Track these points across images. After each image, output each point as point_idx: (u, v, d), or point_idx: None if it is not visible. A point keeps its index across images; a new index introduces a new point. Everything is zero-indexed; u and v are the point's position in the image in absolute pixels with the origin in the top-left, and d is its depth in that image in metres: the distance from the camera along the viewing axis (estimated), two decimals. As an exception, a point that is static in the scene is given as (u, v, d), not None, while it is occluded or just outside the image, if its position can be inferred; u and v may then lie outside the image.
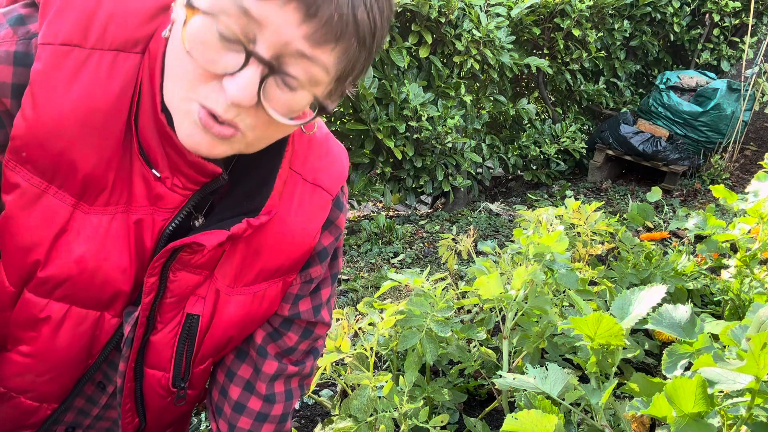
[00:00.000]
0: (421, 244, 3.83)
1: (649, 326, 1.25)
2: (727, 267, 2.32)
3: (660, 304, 1.28)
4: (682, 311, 1.25)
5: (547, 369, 1.27)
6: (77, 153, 0.83)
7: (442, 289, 1.67)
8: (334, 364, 1.71)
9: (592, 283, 2.34)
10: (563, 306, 1.76)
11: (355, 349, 1.54)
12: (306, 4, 0.68)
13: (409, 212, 4.99)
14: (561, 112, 5.77)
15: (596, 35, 5.04)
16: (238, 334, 1.10)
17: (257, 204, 0.94)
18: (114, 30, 0.80)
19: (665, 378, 1.24)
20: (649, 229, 3.70)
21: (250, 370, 1.15)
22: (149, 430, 1.17)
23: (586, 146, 5.25)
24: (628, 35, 5.41)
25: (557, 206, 2.46)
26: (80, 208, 0.88)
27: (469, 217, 4.39)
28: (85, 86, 0.81)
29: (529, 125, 5.27)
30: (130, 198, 0.90)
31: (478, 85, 4.80)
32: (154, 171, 0.89)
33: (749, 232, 2.06)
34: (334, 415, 1.49)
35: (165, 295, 0.98)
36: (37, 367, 0.99)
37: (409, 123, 4.01)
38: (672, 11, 5.41)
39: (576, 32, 4.82)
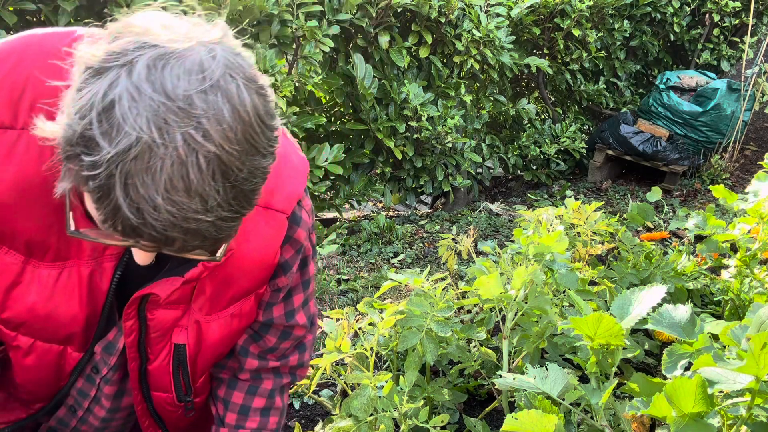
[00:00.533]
0: (421, 244, 3.83)
1: (649, 326, 1.25)
2: (727, 267, 2.32)
3: (660, 304, 1.28)
4: (682, 311, 1.25)
5: (547, 369, 1.27)
6: (18, 222, 0.94)
7: (442, 289, 1.67)
8: (334, 364, 1.71)
9: (592, 283, 2.34)
10: (563, 306, 1.75)
11: (355, 349, 1.54)
12: (160, 242, 0.76)
13: (409, 212, 4.99)
14: (561, 112, 5.77)
15: (596, 35, 5.04)
16: (227, 348, 1.22)
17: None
18: (38, 111, 0.85)
19: (665, 378, 1.24)
20: (649, 229, 3.70)
21: (237, 364, 1.26)
22: None
23: (586, 146, 5.25)
24: (628, 35, 5.40)
25: (557, 206, 2.46)
26: (31, 264, 0.99)
27: (469, 217, 4.39)
28: (18, 163, 0.90)
29: (529, 125, 5.27)
30: (79, 252, 1.00)
31: (478, 85, 4.80)
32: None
33: (749, 232, 2.06)
34: (334, 415, 1.49)
35: (148, 332, 1.09)
36: (16, 378, 1.14)
37: (409, 123, 4.01)
38: (672, 11, 5.41)
39: (576, 32, 4.82)
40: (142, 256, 0.91)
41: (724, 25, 5.67)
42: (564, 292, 1.78)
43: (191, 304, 1.10)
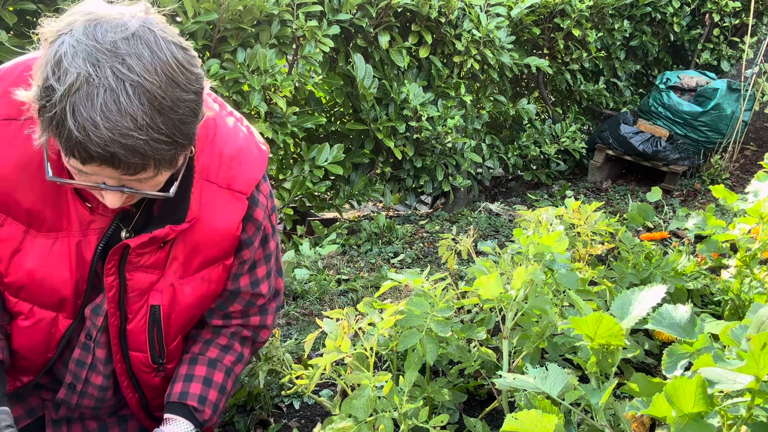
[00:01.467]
0: (421, 244, 3.83)
1: (649, 326, 1.25)
2: (727, 267, 2.32)
3: (660, 304, 1.28)
4: (682, 311, 1.25)
5: (547, 369, 1.27)
6: (20, 193, 1.16)
7: (442, 289, 1.67)
8: (334, 364, 1.71)
9: (592, 283, 2.34)
10: (563, 306, 1.75)
11: (355, 349, 1.54)
12: (107, 161, 0.96)
13: (409, 212, 4.99)
14: (561, 112, 5.77)
15: (596, 35, 5.04)
16: (198, 312, 1.42)
17: (181, 215, 1.25)
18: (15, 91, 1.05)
19: (665, 378, 1.24)
20: (649, 229, 3.70)
21: (203, 322, 1.49)
22: (151, 403, 1.50)
23: (586, 146, 5.24)
24: (628, 35, 5.40)
25: (557, 206, 2.46)
26: (30, 233, 1.20)
27: (469, 217, 4.39)
28: (21, 145, 1.13)
29: (529, 125, 5.26)
30: (69, 224, 1.21)
31: (478, 85, 4.80)
32: (87, 204, 1.21)
33: (749, 232, 2.06)
34: (334, 415, 1.49)
35: (127, 292, 1.29)
36: (15, 344, 1.32)
37: (409, 123, 4.01)
38: (672, 11, 5.40)
39: (576, 32, 4.82)
40: (110, 198, 1.09)
41: (724, 25, 5.67)
42: (564, 292, 1.78)
43: (165, 270, 1.30)
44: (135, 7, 1.02)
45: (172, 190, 1.12)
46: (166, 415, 1.37)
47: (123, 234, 1.24)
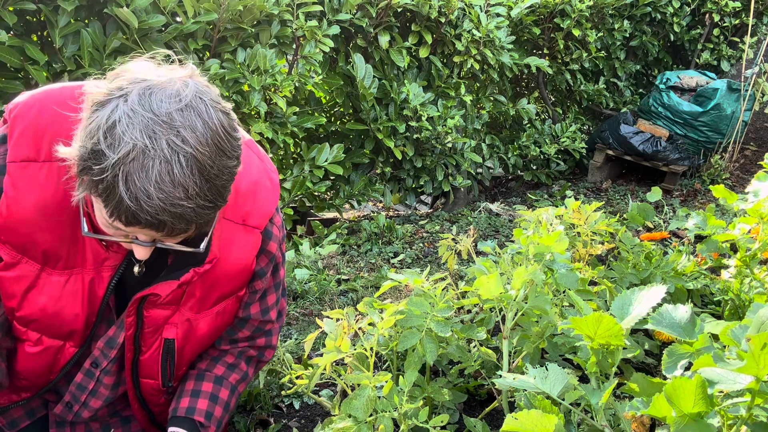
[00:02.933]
0: (421, 244, 3.83)
1: (649, 326, 1.25)
2: (727, 267, 2.32)
3: (660, 304, 1.28)
4: (682, 311, 1.25)
5: (547, 369, 1.27)
6: (37, 235, 1.18)
7: (442, 289, 1.67)
8: (334, 364, 1.71)
9: (592, 283, 2.34)
10: (563, 306, 1.75)
11: (355, 349, 1.54)
12: (153, 226, 0.98)
13: (409, 212, 4.99)
14: (561, 112, 5.77)
15: (596, 35, 5.04)
16: (210, 341, 1.47)
17: (202, 257, 1.26)
18: (56, 144, 1.06)
19: (665, 378, 1.24)
20: (649, 229, 3.70)
21: (210, 347, 1.52)
22: (158, 417, 1.53)
23: (586, 146, 5.24)
24: (628, 35, 5.40)
25: (557, 206, 2.46)
26: (46, 271, 1.22)
27: (469, 217, 4.39)
28: (40, 189, 1.14)
29: (529, 125, 5.26)
30: (84, 262, 1.24)
31: (478, 85, 4.80)
32: (104, 243, 1.22)
33: (749, 232, 2.06)
34: (334, 415, 1.49)
35: (143, 327, 1.32)
36: (17, 366, 1.35)
37: (409, 123, 4.01)
38: (672, 11, 5.41)
39: (576, 32, 4.82)
40: (140, 252, 1.11)
41: (724, 25, 5.67)
42: (564, 292, 1.78)
43: (181, 306, 1.33)
44: (183, 71, 1.03)
45: (203, 245, 1.14)
46: (171, 429, 1.39)
47: (135, 269, 1.26)
